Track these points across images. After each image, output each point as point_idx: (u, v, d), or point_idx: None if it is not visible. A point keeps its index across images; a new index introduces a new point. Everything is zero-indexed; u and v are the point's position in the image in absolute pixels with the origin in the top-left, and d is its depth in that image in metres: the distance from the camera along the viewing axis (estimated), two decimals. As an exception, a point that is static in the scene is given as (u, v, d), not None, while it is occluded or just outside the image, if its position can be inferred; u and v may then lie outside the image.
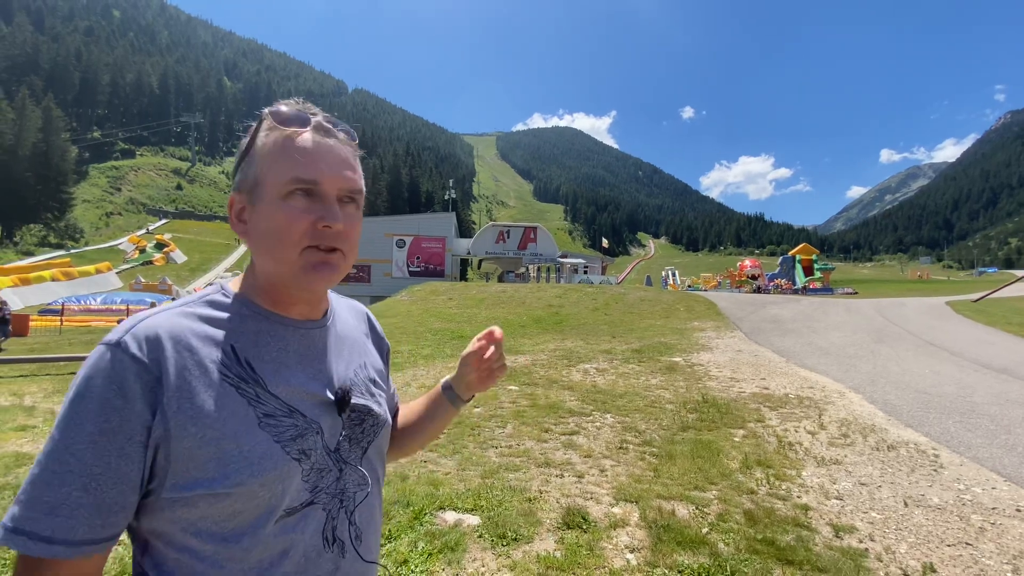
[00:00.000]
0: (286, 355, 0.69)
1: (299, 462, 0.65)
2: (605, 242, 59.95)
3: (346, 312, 0.84)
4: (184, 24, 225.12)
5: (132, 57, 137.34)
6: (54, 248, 57.72)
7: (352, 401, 0.73)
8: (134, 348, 0.59)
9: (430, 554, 2.65)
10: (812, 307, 16.81)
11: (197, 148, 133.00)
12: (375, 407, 0.78)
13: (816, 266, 36.59)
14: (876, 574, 2.53)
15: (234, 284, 0.72)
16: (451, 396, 0.92)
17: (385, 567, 0.81)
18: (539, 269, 38.56)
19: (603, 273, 40.39)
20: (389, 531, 2.88)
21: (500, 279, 35.56)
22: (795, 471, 3.90)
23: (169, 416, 0.58)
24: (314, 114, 0.69)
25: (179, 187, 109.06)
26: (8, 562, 2.56)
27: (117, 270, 44.19)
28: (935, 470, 3.95)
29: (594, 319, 15.13)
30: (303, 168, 0.65)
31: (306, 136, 0.66)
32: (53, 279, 32.01)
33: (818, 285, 34.66)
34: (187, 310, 0.66)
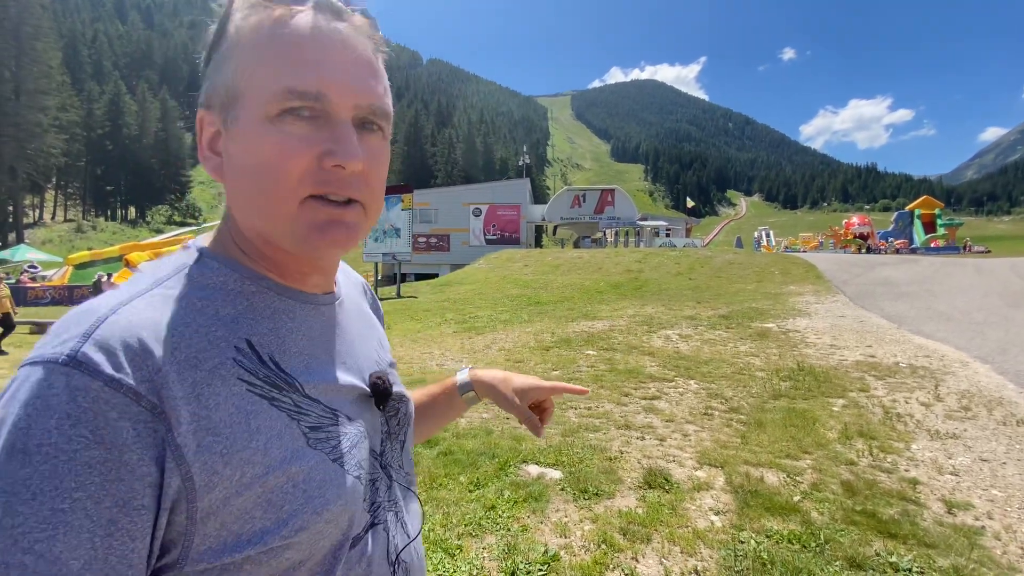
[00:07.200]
0: (312, 344, 0.50)
1: (359, 479, 0.50)
2: (690, 202, 56.30)
3: (343, 280, 0.63)
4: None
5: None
6: (179, 226, 65.58)
7: (390, 390, 0.58)
8: (107, 366, 0.37)
9: (515, 502, 2.82)
10: (933, 268, 14.90)
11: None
12: (405, 391, 0.63)
13: (939, 222, 32.26)
14: (992, 552, 2.33)
15: (213, 247, 0.50)
16: (470, 398, 0.81)
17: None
18: (617, 233, 37.51)
19: (687, 236, 38.40)
20: (477, 479, 3.09)
21: (575, 245, 35.13)
22: (903, 444, 3.61)
23: (189, 461, 0.39)
24: None
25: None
26: None
27: (230, 244, 49.53)
28: (1081, 449, 3.47)
29: (677, 284, 14.57)
30: (301, 71, 0.43)
31: (304, 17, 0.44)
32: (181, 253, 36.72)
33: (941, 243, 30.68)
34: (168, 292, 0.44)
